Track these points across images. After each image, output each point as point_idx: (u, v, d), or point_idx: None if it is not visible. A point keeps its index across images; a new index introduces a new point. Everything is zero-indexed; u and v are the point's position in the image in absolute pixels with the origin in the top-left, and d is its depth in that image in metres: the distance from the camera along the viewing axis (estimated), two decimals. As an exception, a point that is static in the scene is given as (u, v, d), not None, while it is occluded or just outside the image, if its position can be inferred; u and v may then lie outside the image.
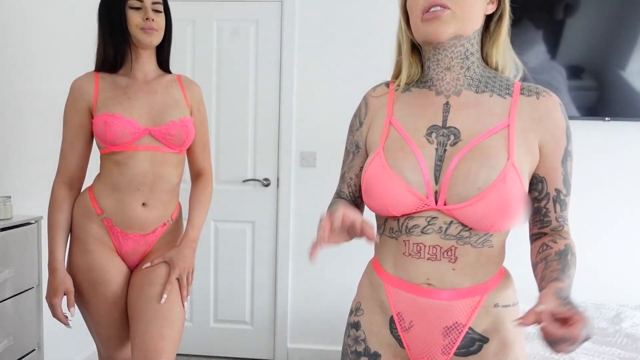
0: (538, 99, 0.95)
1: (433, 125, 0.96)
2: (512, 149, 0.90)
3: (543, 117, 0.94)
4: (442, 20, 0.91)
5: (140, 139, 1.51)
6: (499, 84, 0.98)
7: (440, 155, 0.93)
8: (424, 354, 0.96)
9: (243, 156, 2.87)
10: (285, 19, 2.76)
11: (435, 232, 0.93)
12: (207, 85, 2.83)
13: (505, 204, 0.88)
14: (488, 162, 0.89)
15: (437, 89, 0.98)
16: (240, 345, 2.95)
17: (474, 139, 0.92)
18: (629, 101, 2.50)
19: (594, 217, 2.68)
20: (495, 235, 0.95)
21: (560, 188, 0.97)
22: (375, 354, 0.99)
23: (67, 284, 1.52)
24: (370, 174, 0.96)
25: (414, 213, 0.93)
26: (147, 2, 1.50)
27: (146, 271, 1.56)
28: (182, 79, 1.66)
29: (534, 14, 2.47)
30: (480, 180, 0.88)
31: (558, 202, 0.97)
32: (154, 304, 1.49)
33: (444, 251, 0.93)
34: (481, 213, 0.89)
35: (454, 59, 0.96)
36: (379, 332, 1.00)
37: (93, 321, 1.59)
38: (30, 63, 2.16)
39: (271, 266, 2.90)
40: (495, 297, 0.96)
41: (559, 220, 0.99)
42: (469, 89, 0.97)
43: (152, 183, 1.54)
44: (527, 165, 0.93)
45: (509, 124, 0.92)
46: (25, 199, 2.07)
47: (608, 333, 2.07)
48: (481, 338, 0.95)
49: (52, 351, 2.34)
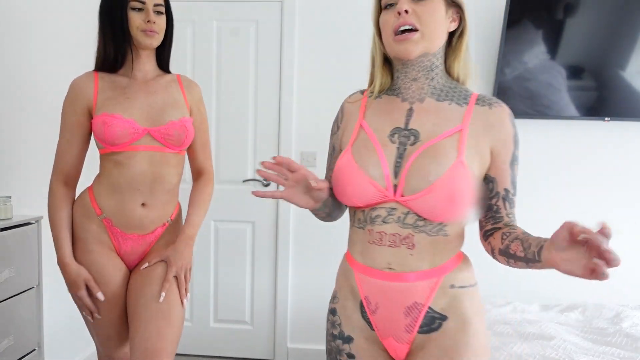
0: (490, 109, 1.08)
1: (396, 127, 1.09)
2: (463, 149, 1.03)
3: (495, 125, 1.07)
4: (412, 41, 1.03)
5: (139, 139, 1.51)
6: (458, 94, 1.10)
7: (400, 153, 1.06)
8: (390, 333, 1.07)
9: (243, 156, 2.87)
10: (285, 19, 2.76)
11: (394, 221, 1.04)
12: (207, 85, 2.83)
13: (452, 196, 1.00)
14: (439, 160, 1.02)
15: (404, 96, 1.11)
16: (240, 345, 2.95)
17: (430, 140, 1.05)
18: (629, 101, 2.50)
19: (594, 217, 2.67)
20: (450, 225, 1.05)
21: (509, 188, 1.10)
22: (348, 338, 1.11)
23: (83, 274, 1.52)
24: (338, 168, 1.09)
25: (376, 204, 1.06)
26: (149, 3, 1.50)
27: (145, 271, 1.56)
28: (182, 79, 1.66)
29: (534, 14, 2.47)
30: (431, 174, 1.01)
31: (507, 200, 1.10)
32: (153, 303, 1.49)
33: (402, 238, 1.04)
34: (431, 203, 1.01)
35: (420, 72, 1.09)
36: (351, 317, 1.11)
37: (93, 321, 1.59)
38: (30, 63, 2.16)
39: (271, 266, 2.90)
40: (452, 279, 1.06)
41: (509, 217, 1.11)
42: (431, 97, 1.10)
43: (152, 183, 1.55)
44: (478, 165, 1.05)
45: (462, 128, 1.05)
46: (25, 199, 2.07)
47: (608, 333, 2.07)
48: (440, 316, 1.04)
49: (52, 351, 2.34)
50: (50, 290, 2.19)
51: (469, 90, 1.12)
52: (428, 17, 1.03)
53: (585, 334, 2.09)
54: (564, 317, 2.29)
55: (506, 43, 2.49)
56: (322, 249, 2.79)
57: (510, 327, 2.06)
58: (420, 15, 1.03)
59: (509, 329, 2.04)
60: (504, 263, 1.06)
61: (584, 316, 2.33)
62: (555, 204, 2.69)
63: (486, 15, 2.63)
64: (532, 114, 2.55)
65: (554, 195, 2.69)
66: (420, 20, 1.03)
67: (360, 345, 1.10)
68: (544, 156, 2.68)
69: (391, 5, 1.06)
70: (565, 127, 2.65)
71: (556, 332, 2.02)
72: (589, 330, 2.12)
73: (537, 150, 2.68)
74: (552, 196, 2.69)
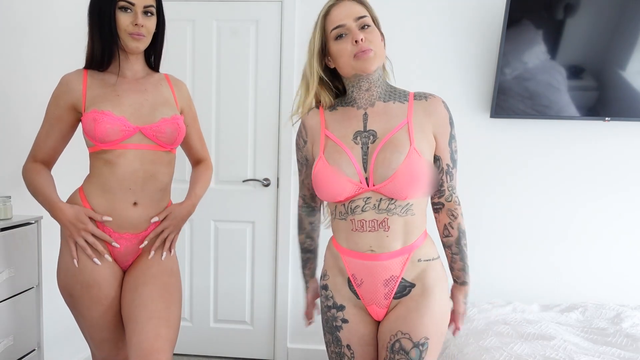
0: (427, 101, 1.34)
1: (357, 131, 1.33)
2: (413, 138, 1.28)
3: (432, 113, 1.33)
4: (370, 58, 1.29)
5: (130, 137, 1.50)
6: (398, 94, 1.37)
7: (365, 151, 1.30)
8: (372, 301, 1.34)
9: (243, 156, 2.87)
10: (285, 19, 2.76)
11: (371, 209, 1.28)
12: (207, 85, 2.83)
13: (413, 177, 1.25)
14: (397, 150, 1.26)
15: (358, 105, 1.36)
16: (240, 345, 2.95)
17: (386, 136, 1.29)
18: (629, 101, 2.50)
19: (594, 217, 2.68)
20: (415, 204, 1.30)
21: (450, 163, 1.36)
22: (341, 306, 1.38)
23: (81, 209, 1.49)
24: (317, 172, 1.32)
25: (354, 196, 1.29)
26: (139, 5, 1.48)
27: (140, 271, 1.55)
28: (170, 78, 1.66)
29: (534, 14, 2.47)
30: (394, 163, 1.25)
31: (448, 174, 1.36)
32: (150, 303, 1.49)
33: (379, 223, 1.28)
34: (399, 186, 1.25)
35: (372, 82, 1.34)
36: (341, 290, 1.37)
37: (86, 324, 1.57)
38: (30, 63, 2.16)
39: (271, 266, 2.90)
40: (419, 254, 1.32)
41: (450, 190, 1.38)
42: (380, 100, 1.35)
43: (143, 182, 1.53)
44: (427, 148, 1.31)
45: (408, 121, 1.31)
46: (25, 199, 2.07)
47: (608, 333, 2.07)
48: (410, 284, 1.32)
49: (52, 351, 2.34)
50: (50, 290, 2.19)
51: (406, 90, 1.39)
52: (375, 39, 1.30)
53: (586, 334, 2.09)
54: (564, 317, 2.28)
55: (506, 43, 2.49)
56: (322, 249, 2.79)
57: (510, 327, 2.06)
58: (370, 39, 1.29)
59: (509, 329, 2.04)
60: None
61: (584, 316, 2.33)
62: (555, 203, 2.69)
63: (486, 15, 2.63)
64: (532, 114, 2.55)
65: (554, 195, 2.69)
66: (372, 43, 1.29)
67: (351, 311, 1.37)
68: (544, 156, 2.68)
69: (341, 37, 1.30)
70: (565, 127, 2.65)
71: (556, 332, 2.02)
72: (589, 331, 2.12)
73: (537, 150, 2.68)
74: (552, 196, 2.69)
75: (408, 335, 1.28)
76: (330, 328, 1.41)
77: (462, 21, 2.65)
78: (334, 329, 1.40)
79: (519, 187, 2.70)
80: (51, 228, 2.19)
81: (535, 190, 2.70)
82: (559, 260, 2.71)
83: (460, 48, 2.65)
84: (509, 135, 2.65)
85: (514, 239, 2.70)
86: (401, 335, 1.29)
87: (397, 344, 1.29)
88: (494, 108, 2.55)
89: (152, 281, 1.52)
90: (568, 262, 2.70)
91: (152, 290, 1.51)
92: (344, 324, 1.37)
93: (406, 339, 1.28)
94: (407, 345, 1.28)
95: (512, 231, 2.70)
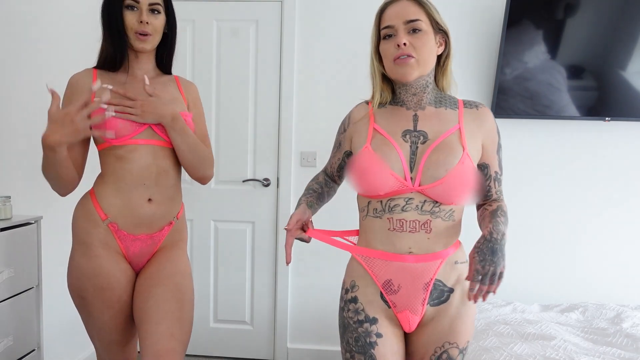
0: (477, 110, 1.32)
1: (407, 130, 1.28)
2: (465, 144, 1.25)
3: (484, 122, 1.31)
4: (409, 65, 1.24)
5: (140, 132, 1.50)
6: (448, 100, 1.34)
7: (413, 150, 1.26)
8: (406, 306, 1.27)
9: (243, 156, 2.87)
10: (285, 19, 2.76)
11: (413, 209, 1.24)
12: (207, 86, 2.83)
13: (464, 181, 1.21)
14: (451, 152, 1.23)
15: (407, 106, 1.32)
16: (240, 345, 2.95)
17: (439, 138, 1.26)
18: (629, 101, 2.50)
19: (594, 217, 2.68)
20: (456, 211, 1.27)
21: (498, 170, 1.34)
22: (374, 319, 1.28)
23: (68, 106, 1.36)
24: (360, 161, 1.26)
25: (395, 194, 1.24)
26: (144, 2, 1.48)
27: (153, 273, 1.55)
28: (180, 79, 1.67)
29: (534, 14, 2.47)
30: (447, 164, 1.22)
31: (497, 180, 1.35)
32: (163, 304, 1.48)
33: (422, 224, 1.24)
34: (447, 189, 1.21)
35: (418, 89, 1.30)
36: (372, 301, 1.28)
37: (96, 326, 1.55)
38: (31, 63, 2.16)
39: (271, 266, 2.90)
40: (455, 257, 1.28)
41: (498, 194, 1.36)
42: (430, 105, 1.32)
43: (157, 177, 1.52)
44: (475, 156, 1.29)
45: (459, 127, 1.28)
46: (25, 199, 2.07)
47: (608, 333, 2.07)
48: (450, 290, 1.27)
49: (52, 351, 2.34)
50: (50, 290, 2.19)
51: (455, 97, 1.36)
52: (421, 46, 1.24)
53: (586, 334, 2.09)
54: (564, 318, 2.28)
55: (506, 43, 2.49)
56: (322, 249, 2.79)
57: (510, 327, 2.06)
58: (415, 46, 1.24)
59: (509, 329, 2.04)
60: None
61: (584, 316, 2.33)
62: (555, 203, 2.69)
63: (486, 15, 2.63)
64: (532, 113, 2.55)
65: (554, 195, 2.69)
66: (416, 50, 1.24)
67: (384, 324, 1.28)
68: (544, 156, 2.68)
69: (390, 36, 1.26)
70: (566, 127, 2.65)
71: (556, 333, 2.02)
72: (589, 331, 2.12)
73: (538, 150, 2.68)
74: (553, 196, 2.69)
75: (456, 344, 1.27)
76: (363, 347, 1.27)
77: (462, 21, 2.65)
78: (367, 347, 1.26)
79: (519, 186, 2.70)
80: (51, 228, 2.19)
81: (535, 190, 2.70)
82: (559, 260, 2.71)
83: (461, 48, 2.64)
84: (508, 135, 2.65)
85: (513, 239, 2.70)
86: (449, 345, 1.27)
87: (444, 354, 1.27)
88: (494, 108, 2.55)
89: (165, 282, 1.52)
90: (568, 262, 2.70)
91: (166, 292, 1.50)
92: (378, 339, 1.27)
93: (454, 348, 1.27)
94: (454, 353, 1.27)
95: (512, 231, 2.70)
